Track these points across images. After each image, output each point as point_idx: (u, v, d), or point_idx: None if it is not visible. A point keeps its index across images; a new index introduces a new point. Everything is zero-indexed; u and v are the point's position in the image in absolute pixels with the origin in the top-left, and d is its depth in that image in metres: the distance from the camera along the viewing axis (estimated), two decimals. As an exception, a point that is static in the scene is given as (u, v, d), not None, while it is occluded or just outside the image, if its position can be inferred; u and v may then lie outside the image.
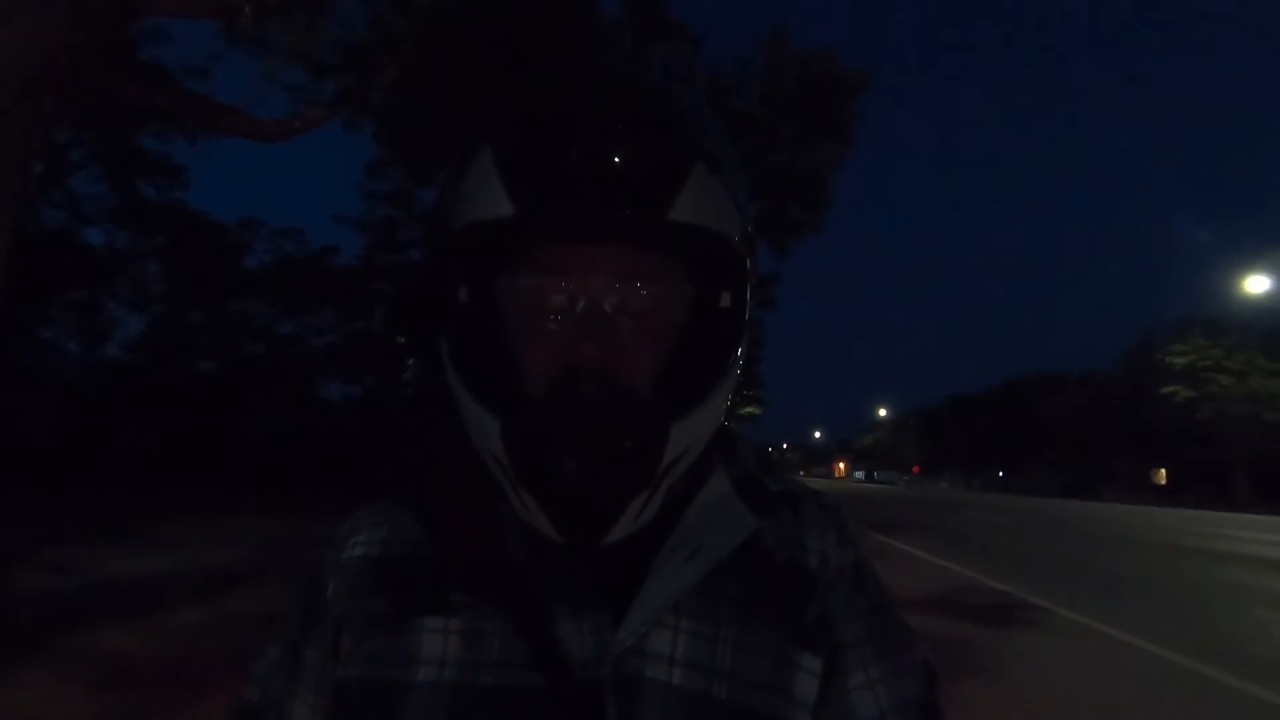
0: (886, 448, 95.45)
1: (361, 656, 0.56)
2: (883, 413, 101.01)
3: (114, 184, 18.07)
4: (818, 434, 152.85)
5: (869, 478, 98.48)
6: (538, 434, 0.51)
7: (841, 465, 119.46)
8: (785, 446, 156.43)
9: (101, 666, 3.99)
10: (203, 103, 5.04)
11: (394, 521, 0.62)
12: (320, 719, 0.59)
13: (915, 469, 78.71)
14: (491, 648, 0.53)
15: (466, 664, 0.53)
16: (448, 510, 0.60)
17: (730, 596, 0.56)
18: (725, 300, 0.56)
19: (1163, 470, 41.99)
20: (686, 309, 0.56)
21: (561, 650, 0.53)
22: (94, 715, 3.37)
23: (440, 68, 6.44)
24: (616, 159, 0.50)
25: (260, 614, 5.04)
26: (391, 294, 19.05)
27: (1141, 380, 36.56)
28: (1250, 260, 28.27)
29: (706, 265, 0.56)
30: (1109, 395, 41.84)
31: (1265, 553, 12.01)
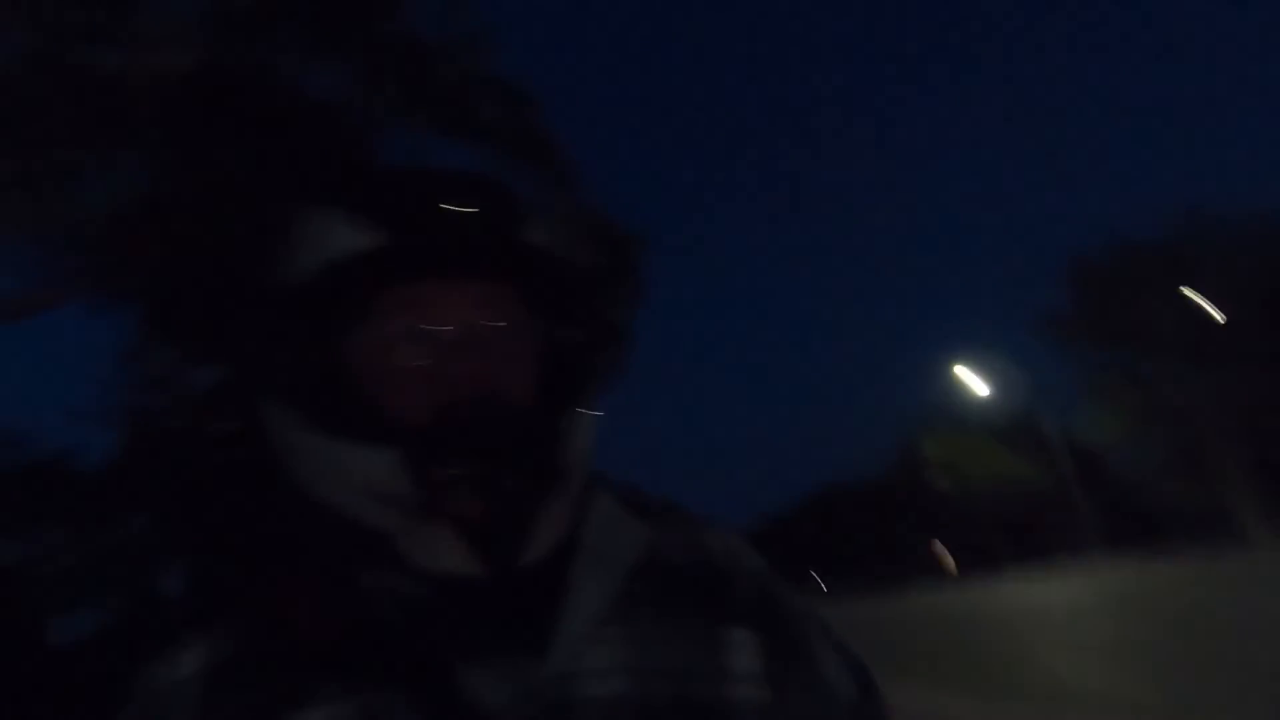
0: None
1: None
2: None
3: None
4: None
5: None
6: (442, 457, 0.50)
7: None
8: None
9: None
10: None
11: (225, 627, 0.55)
12: None
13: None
14: None
15: None
16: (292, 600, 0.53)
17: (646, 598, 0.57)
18: (582, 317, 0.62)
19: (946, 552, 47.08)
20: (548, 325, 0.61)
21: (473, 700, 0.50)
22: None
23: (221, 229, 6.08)
24: (466, 187, 0.57)
25: None
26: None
27: (913, 475, 41.65)
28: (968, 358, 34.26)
29: (562, 285, 0.61)
30: (891, 493, 46.86)
31: (1035, 601, 13.80)
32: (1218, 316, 22.26)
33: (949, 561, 46.89)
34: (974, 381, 32.69)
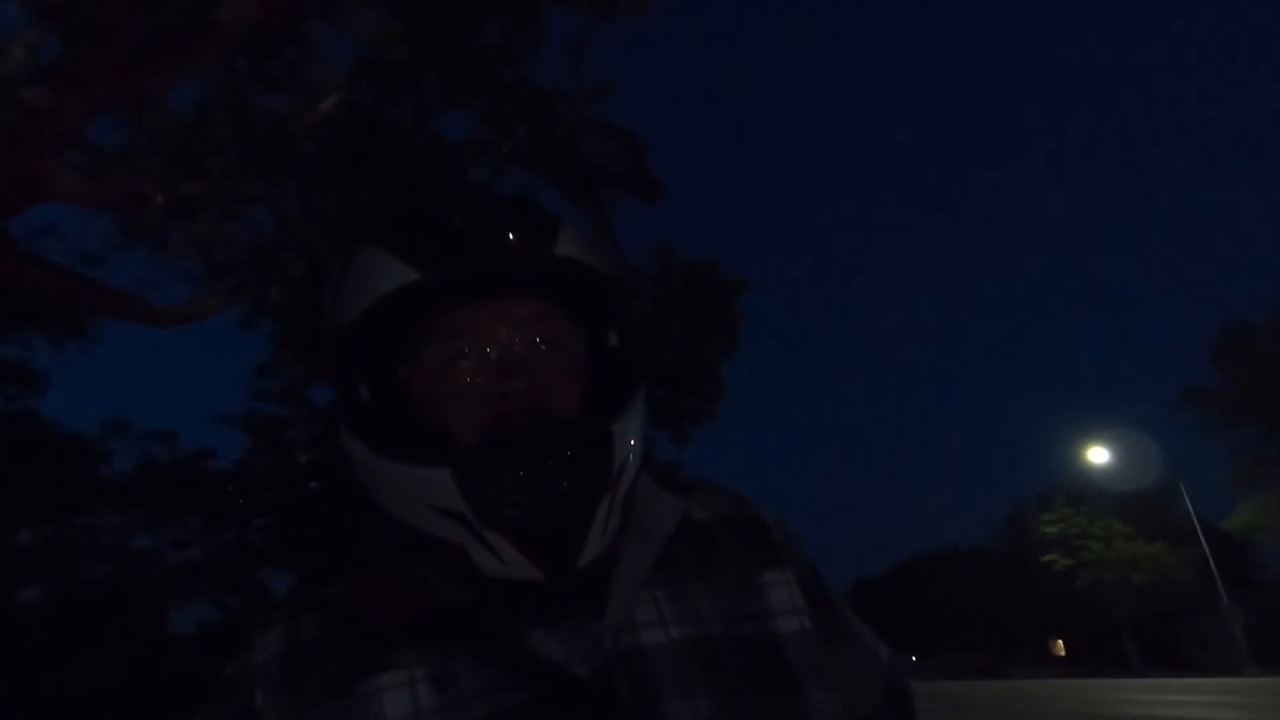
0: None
1: None
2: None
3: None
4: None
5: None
6: (495, 471, 0.53)
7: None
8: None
9: None
10: (90, 285, 4.88)
11: (309, 617, 0.59)
12: None
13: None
14: (468, 682, 0.52)
15: (445, 707, 0.51)
16: (367, 592, 0.59)
17: (686, 559, 0.62)
18: (620, 326, 0.65)
19: (1060, 640, 42.79)
20: (588, 334, 0.64)
21: (540, 653, 0.53)
22: None
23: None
24: (497, 213, 0.60)
25: None
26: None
27: (1023, 551, 38.40)
28: (1094, 432, 31.60)
29: (595, 295, 0.64)
30: (995, 568, 43.38)
31: (1170, 713, 12.19)
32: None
33: (1059, 649, 42.64)
34: (1104, 456, 29.99)
